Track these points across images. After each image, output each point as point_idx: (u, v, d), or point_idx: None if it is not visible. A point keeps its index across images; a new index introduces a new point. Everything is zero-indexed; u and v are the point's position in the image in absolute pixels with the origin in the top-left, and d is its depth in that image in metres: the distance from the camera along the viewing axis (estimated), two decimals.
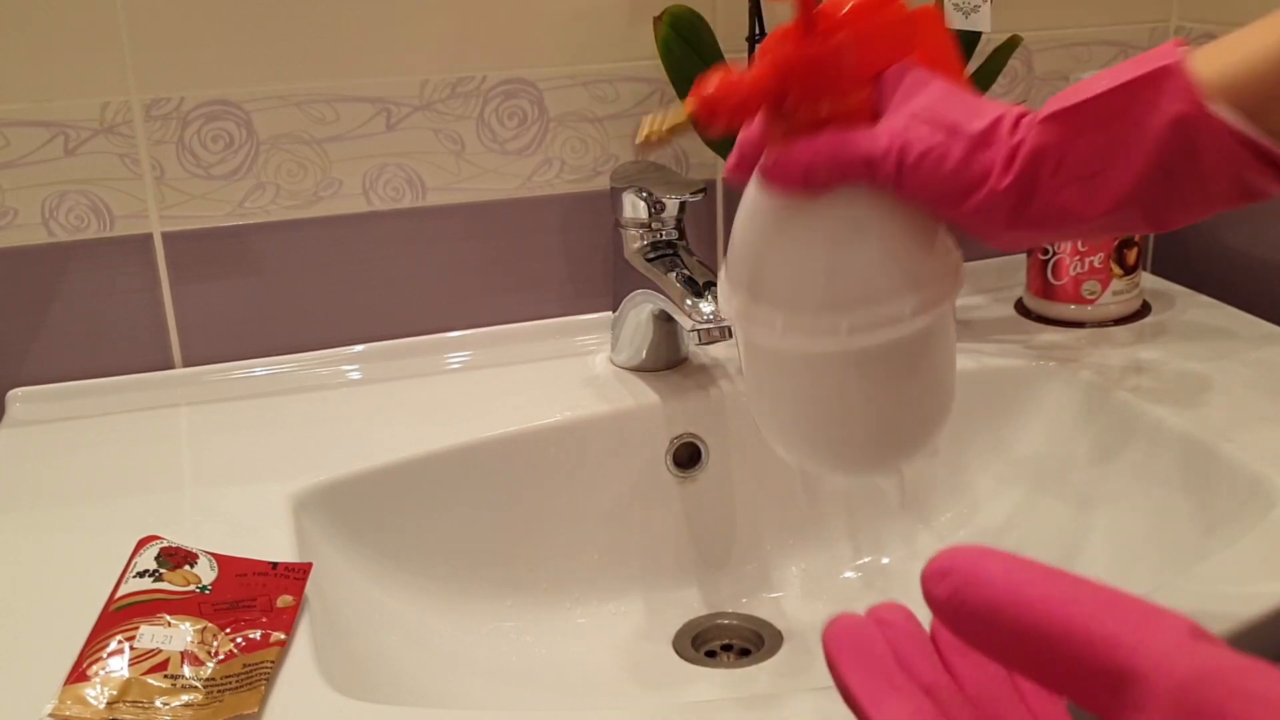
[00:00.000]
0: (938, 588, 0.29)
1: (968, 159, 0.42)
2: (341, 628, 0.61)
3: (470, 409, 0.78)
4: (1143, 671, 0.25)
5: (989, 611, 0.28)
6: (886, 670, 0.32)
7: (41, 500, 0.69)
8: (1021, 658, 0.28)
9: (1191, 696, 0.24)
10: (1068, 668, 0.27)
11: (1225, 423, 0.71)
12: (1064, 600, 0.27)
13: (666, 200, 0.78)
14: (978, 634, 0.28)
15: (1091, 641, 0.26)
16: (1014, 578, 0.28)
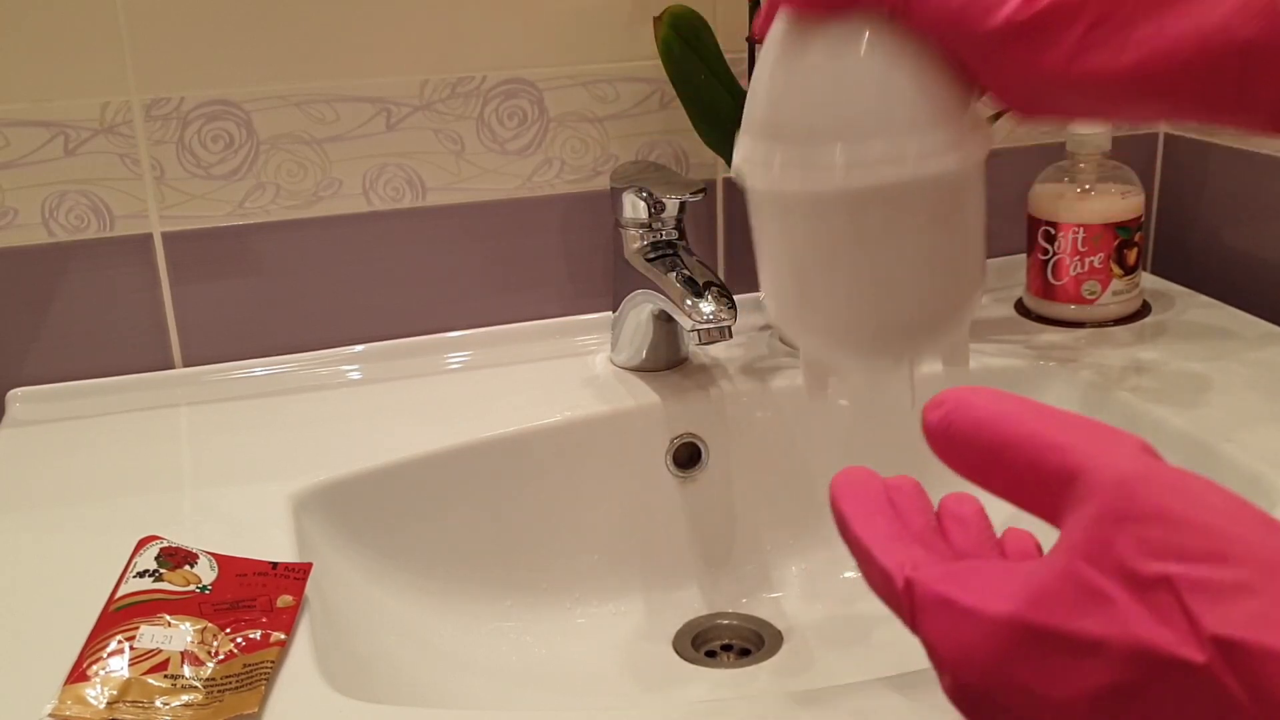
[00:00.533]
0: (933, 414, 0.32)
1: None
2: (341, 628, 0.61)
3: (470, 409, 0.78)
4: (1090, 470, 0.28)
5: (973, 430, 0.31)
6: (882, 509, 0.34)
7: (41, 500, 0.69)
8: (996, 473, 0.31)
9: (1127, 488, 0.27)
10: (1031, 475, 0.30)
11: (1225, 423, 0.71)
12: (1035, 417, 0.30)
13: (666, 200, 0.78)
14: (962, 455, 0.31)
15: (1050, 448, 0.29)
16: (999, 403, 0.31)
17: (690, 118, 0.80)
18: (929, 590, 0.30)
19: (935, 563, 0.31)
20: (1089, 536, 0.27)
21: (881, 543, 0.32)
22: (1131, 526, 0.27)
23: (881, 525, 0.33)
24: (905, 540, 0.32)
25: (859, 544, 0.33)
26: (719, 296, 0.72)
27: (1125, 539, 0.27)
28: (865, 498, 0.34)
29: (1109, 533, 0.27)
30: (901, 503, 0.35)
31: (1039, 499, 0.30)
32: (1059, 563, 0.28)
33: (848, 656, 0.73)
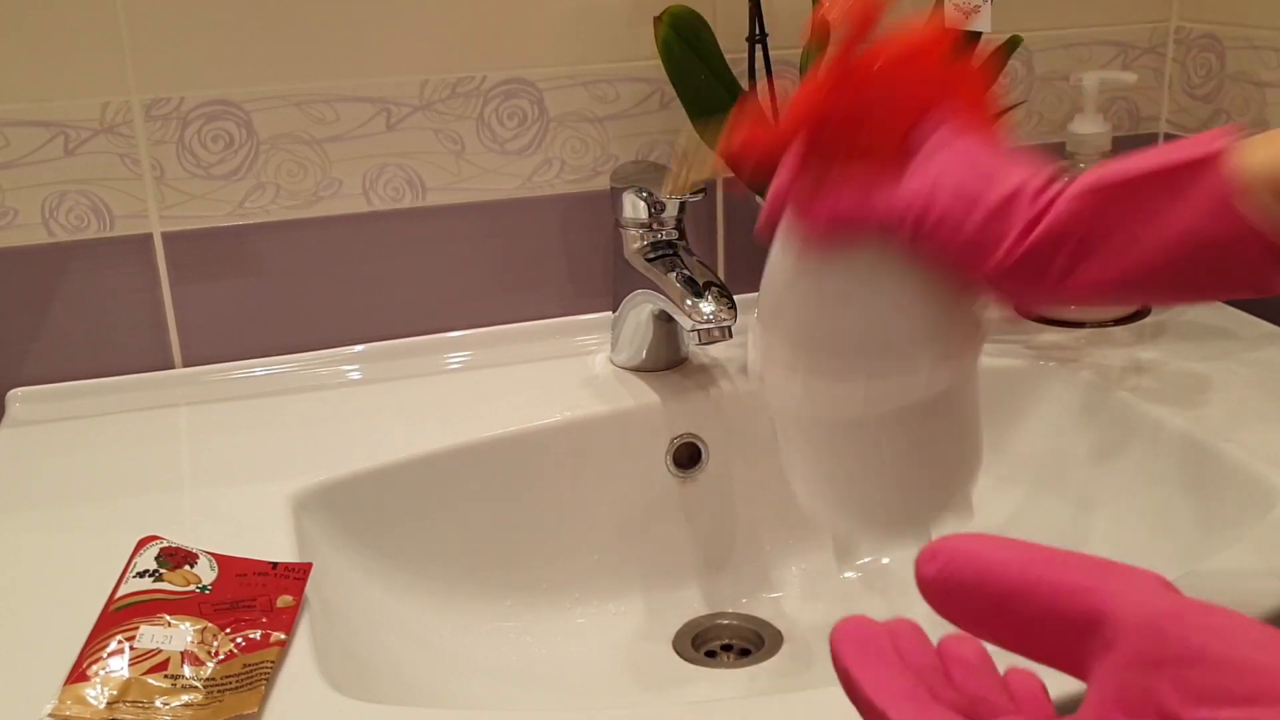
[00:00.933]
0: (928, 567, 0.30)
1: (984, 227, 0.42)
2: (341, 628, 0.61)
3: (470, 409, 0.78)
4: (1113, 613, 0.26)
5: (976, 582, 0.29)
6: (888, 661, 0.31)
7: (41, 500, 0.69)
8: (1003, 623, 0.29)
9: (1158, 630, 0.25)
10: (1045, 623, 0.28)
11: (1225, 423, 0.71)
12: (1045, 562, 0.28)
13: (666, 200, 0.78)
14: (964, 607, 0.30)
15: (1068, 592, 0.27)
16: (1000, 551, 0.29)
17: (690, 118, 0.80)
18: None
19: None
20: (1124, 684, 0.25)
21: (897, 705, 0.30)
22: (1169, 671, 0.25)
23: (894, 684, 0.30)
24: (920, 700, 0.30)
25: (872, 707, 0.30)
26: (719, 296, 0.72)
27: (1164, 684, 0.25)
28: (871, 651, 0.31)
29: (1146, 679, 0.25)
30: (904, 648, 0.32)
31: (1055, 648, 0.28)
32: (1094, 716, 0.26)
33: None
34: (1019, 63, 0.95)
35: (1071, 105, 0.95)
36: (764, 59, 0.85)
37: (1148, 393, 0.76)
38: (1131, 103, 0.99)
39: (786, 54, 0.87)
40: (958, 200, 0.43)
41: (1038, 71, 0.96)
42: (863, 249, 0.44)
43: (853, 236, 0.44)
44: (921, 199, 0.43)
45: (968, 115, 0.45)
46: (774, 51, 0.85)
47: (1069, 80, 0.95)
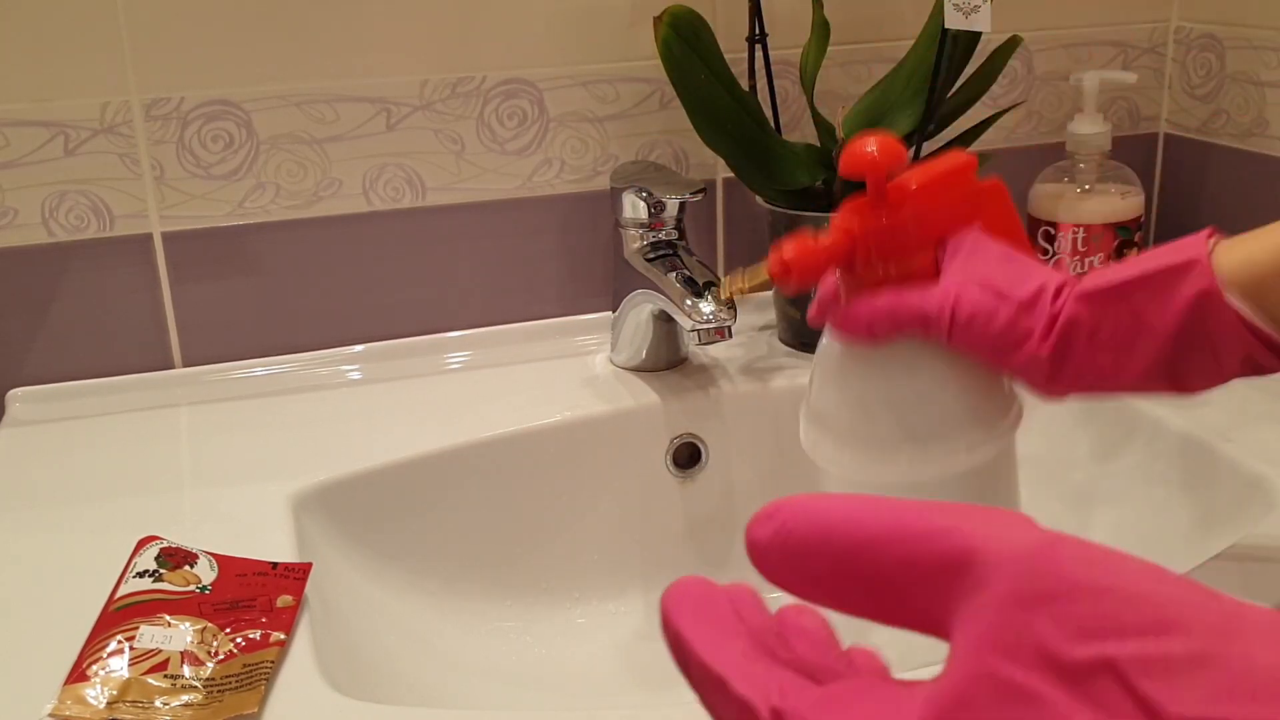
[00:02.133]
0: (762, 529, 0.27)
1: (1013, 322, 0.48)
2: (341, 628, 0.61)
3: (470, 409, 0.78)
4: (981, 551, 0.23)
5: (820, 541, 0.26)
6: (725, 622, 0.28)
7: (41, 500, 0.69)
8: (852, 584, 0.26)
9: (1033, 564, 0.23)
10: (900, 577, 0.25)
11: (1225, 423, 0.71)
12: (898, 510, 0.25)
13: (666, 200, 0.78)
14: (806, 572, 0.26)
15: (926, 536, 0.24)
16: (846, 504, 0.26)
17: (690, 118, 0.80)
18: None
19: (805, 687, 0.25)
20: (999, 625, 0.22)
21: (736, 666, 0.26)
22: (1049, 606, 0.22)
23: (732, 645, 0.27)
24: (763, 661, 0.26)
25: (707, 671, 0.26)
26: (719, 296, 0.72)
27: (1044, 622, 0.22)
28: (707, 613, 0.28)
29: (1023, 617, 0.22)
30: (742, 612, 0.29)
31: (912, 604, 0.25)
32: (965, 666, 0.23)
33: None
34: (1019, 63, 0.95)
35: (1071, 105, 0.95)
36: (764, 59, 0.85)
37: None
38: (1131, 103, 0.99)
39: (786, 54, 0.87)
40: (987, 296, 0.48)
41: (1038, 71, 0.96)
42: (900, 343, 0.50)
43: (891, 331, 0.50)
44: (954, 296, 0.48)
45: (992, 227, 0.51)
46: (774, 51, 0.86)
47: (1069, 80, 0.95)
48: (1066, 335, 0.48)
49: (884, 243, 0.50)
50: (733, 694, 0.26)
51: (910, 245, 0.50)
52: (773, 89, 0.87)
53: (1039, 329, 0.48)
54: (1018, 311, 0.48)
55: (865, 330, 0.50)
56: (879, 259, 0.50)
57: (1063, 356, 0.48)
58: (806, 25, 0.83)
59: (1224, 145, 0.95)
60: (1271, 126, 0.91)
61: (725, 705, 0.26)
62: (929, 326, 0.49)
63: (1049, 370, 0.48)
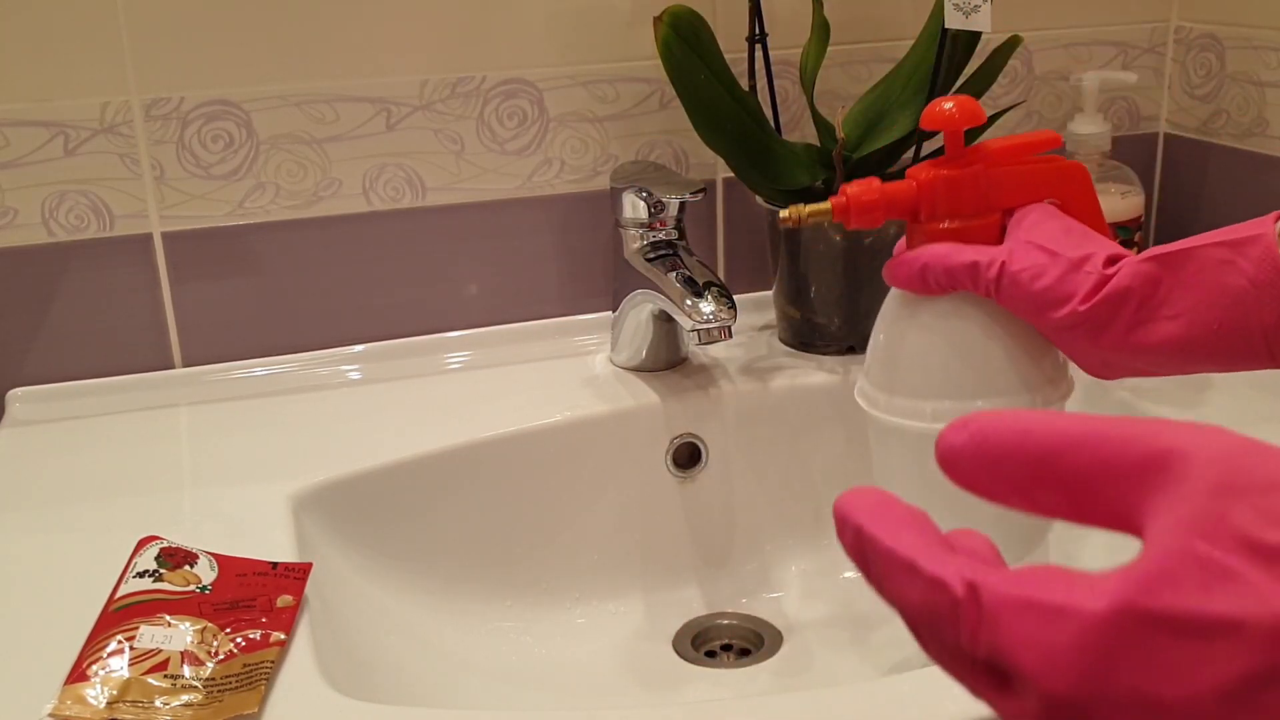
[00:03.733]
0: (958, 434, 0.28)
1: (1060, 279, 0.49)
2: (341, 628, 0.61)
3: (470, 409, 0.78)
4: (1183, 449, 0.25)
5: (1015, 444, 0.27)
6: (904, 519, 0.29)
7: (41, 500, 0.69)
8: (1046, 485, 0.27)
9: (1234, 461, 0.24)
10: (1098, 476, 0.26)
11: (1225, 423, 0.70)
12: (1094, 419, 0.27)
13: (666, 200, 0.78)
14: (999, 474, 0.27)
15: (1126, 439, 0.26)
16: (1036, 415, 0.27)
17: (690, 118, 0.80)
18: (1002, 593, 0.25)
19: (996, 567, 0.26)
20: (1200, 511, 0.24)
21: (924, 549, 0.27)
22: (1249, 498, 0.24)
23: (916, 536, 0.28)
24: (949, 550, 0.27)
25: (893, 556, 0.27)
26: (719, 296, 0.72)
27: (1243, 511, 0.24)
28: (887, 511, 0.29)
29: (1223, 505, 0.24)
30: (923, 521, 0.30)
31: (1109, 501, 0.26)
32: (1165, 547, 0.24)
33: (848, 656, 0.73)
34: (1019, 63, 0.95)
35: (1071, 105, 0.95)
36: (764, 59, 0.85)
37: (1148, 392, 0.76)
38: (1131, 103, 0.99)
39: (786, 54, 0.87)
40: (1037, 254, 0.49)
41: (1038, 71, 0.96)
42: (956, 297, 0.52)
43: (943, 280, 0.51)
44: (1006, 251, 0.50)
45: (1069, 208, 0.53)
46: (774, 51, 0.85)
47: (1069, 80, 0.95)
48: (1115, 298, 0.48)
49: (950, 197, 0.52)
50: (923, 573, 0.26)
51: (977, 205, 0.52)
52: (773, 89, 0.87)
53: (1085, 289, 0.48)
54: (1065, 271, 0.48)
55: (919, 277, 0.52)
56: (944, 213, 0.53)
57: (1106, 319, 0.48)
58: (806, 25, 0.83)
59: (1224, 145, 0.95)
60: (1271, 126, 0.91)
61: (914, 587, 0.27)
62: (978, 278, 0.50)
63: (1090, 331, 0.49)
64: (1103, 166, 0.88)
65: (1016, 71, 0.95)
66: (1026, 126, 0.97)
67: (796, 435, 0.81)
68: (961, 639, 0.26)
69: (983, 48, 0.82)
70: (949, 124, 0.52)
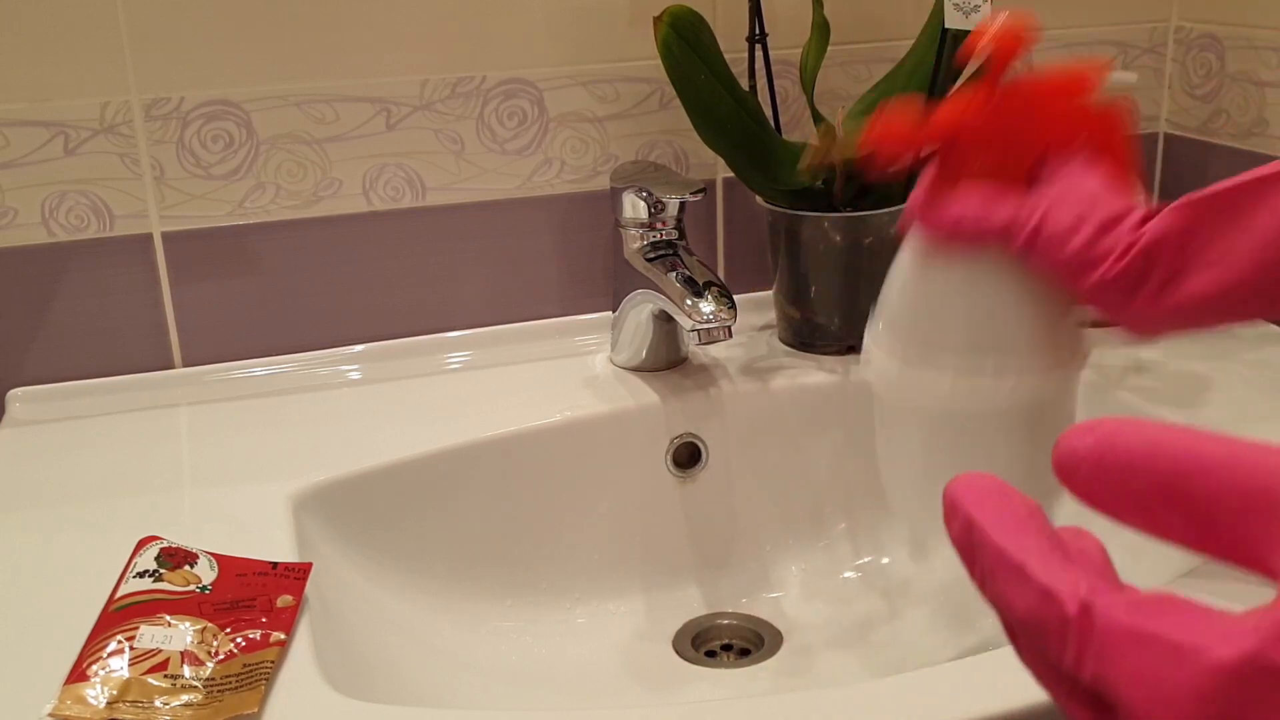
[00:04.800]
0: (1083, 439, 0.26)
1: (1093, 240, 0.46)
2: (341, 628, 0.61)
3: (470, 409, 0.78)
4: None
5: (1143, 457, 0.25)
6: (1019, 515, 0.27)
7: (41, 500, 0.69)
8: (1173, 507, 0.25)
9: None
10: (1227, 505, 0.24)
11: (1225, 423, 0.71)
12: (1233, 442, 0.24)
13: (666, 200, 0.78)
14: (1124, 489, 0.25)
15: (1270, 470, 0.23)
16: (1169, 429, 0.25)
17: (690, 118, 0.80)
18: (1120, 620, 0.24)
19: (1116, 588, 0.25)
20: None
21: (1038, 555, 0.25)
22: None
23: (1032, 539, 0.26)
24: (1066, 559, 0.26)
25: (1003, 557, 0.26)
26: (719, 296, 0.72)
27: None
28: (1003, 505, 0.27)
29: None
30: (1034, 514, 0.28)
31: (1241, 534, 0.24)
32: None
33: (848, 656, 0.73)
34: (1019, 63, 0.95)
35: None
36: (764, 59, 0.85)
37: (1148, 393, 0.76)
38: (1131, 103, 0.99)
39: (786, 54, 0.87)
40: (1070, 216, 0.46)
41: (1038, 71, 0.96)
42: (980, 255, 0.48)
43: (972, 242, 0.48)
44: (1038, 213, 0.47)
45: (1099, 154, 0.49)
46: (774, 51, 0.85)
47: None
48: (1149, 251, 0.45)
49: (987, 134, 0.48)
50: (1034, 582, 0.25)
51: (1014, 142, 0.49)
52: (773, 89, 0.87)
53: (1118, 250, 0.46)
54: (1097, 232, 0.46)
55: (949, 232, 0.49)
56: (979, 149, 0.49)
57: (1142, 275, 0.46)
58: (806, 25, 0.83)
59: (1224, 145, 0.95)
60: (1271, 126, 0.91)
61: (1022, 594, 0.25)
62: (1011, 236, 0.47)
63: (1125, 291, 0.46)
64: None
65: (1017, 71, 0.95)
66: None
67: (796, 435, 0.81)
68: (1066, 658, 0.24)
69: None
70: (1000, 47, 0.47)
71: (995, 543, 0.26)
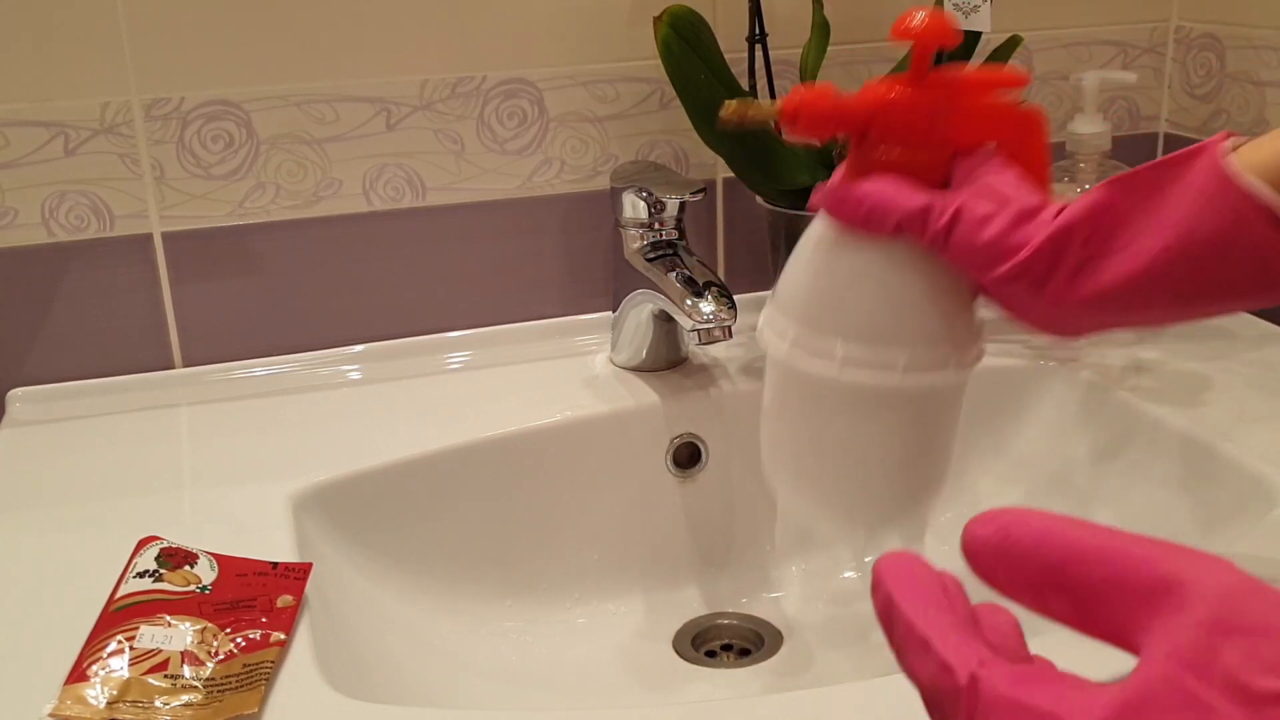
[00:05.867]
0: (985, 527, 0.29)
1: (1008, 230, 0.45)
2: (341, 628, 0.61)
3: (470, 409, 0.78)
4: (1190, 581, 0.26)
5: (1034, 546, 0.28)
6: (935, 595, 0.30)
7: (41, 500, 0.69)
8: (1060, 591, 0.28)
9: (1236, 600, 0.25)
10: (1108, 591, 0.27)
11: (1225, 422, 0.71)
12: (1110, 534, 0.27)
13: (666, 200, 0.78)
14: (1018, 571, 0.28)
15: (1139, 560, 0.27)
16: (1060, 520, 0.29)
17: (690, 118, 0.80)
18: (999, 691, 0.27)
19: (1002, 663, 0.27)
20: (1192, 645, 0.25)
21: (941, 631, 0.29)
22: (1241, 640, 0.24)
23: (938, 614, 0.29)
24: (966, 634, 0.29)
25: (912, 631, 0.29)
26: (719, 296, 0.72)
27: (1233, 651, 0.24)
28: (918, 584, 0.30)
29: (1215, 643, 0.25)
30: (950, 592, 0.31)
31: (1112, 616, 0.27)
32: (1155, 670, 0.25)
33: (848, 656, 0.73)
34: (1019, 63, 0.95)
35: (1071, 105, 0.95)
36: (764, 59, 0.85)
37: (1148, 393, 0.76)
38: (1131, 103, 0.99)
39: (786, 54, 0.87)
40: (985, 206, 0.45)
41: (1038, 71, 0.96)
42: (887, 242, 0.47)
43: (882, 227, 0.47)
44: (955, 203, 0.46)
45: (1015, 156, 0.49)
46: (774, 51, 0.86)
47: (1069, 80, 0.95)
48: (1057, 238, 0.44)
49: (907, 122, 0.48)
50: (935, 655, 0.28)
51: (931, 136, 0.48)
52: (773, 89, 0.87)
53: (1031, 243, 0.45)
54: (1012, 223, 0.45)
55: (864, 215, 0.47)
56: (896, 138, 0.48)
57: (1051, 264, 0.45)
58: (806, 25, 0.83)
59: None
60: (1271, 126, 0.91)
61: (925, 665, 0.28)
62: (927, 223, 0.46)
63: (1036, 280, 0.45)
64: (1103, 166, 0.88)
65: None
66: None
67: None
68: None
69: (983, 48, 0.82)
70: (919, 38, 0.46)
71: (907, 618, 0.29)
